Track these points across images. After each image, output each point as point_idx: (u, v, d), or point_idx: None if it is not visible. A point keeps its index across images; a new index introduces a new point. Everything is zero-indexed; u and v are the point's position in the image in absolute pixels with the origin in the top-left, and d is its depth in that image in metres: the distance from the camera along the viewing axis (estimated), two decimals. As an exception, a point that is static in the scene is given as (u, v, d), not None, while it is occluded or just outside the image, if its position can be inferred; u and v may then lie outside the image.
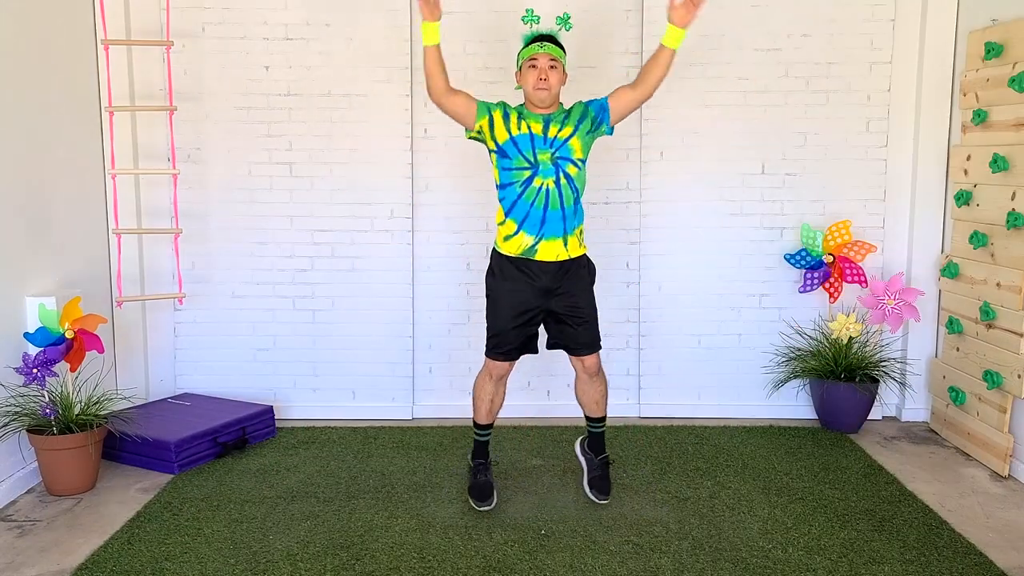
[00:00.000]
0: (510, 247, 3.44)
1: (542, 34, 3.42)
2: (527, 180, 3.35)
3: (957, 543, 3.24)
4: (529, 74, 3.36)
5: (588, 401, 3.67)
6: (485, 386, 3.59)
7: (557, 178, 3.35)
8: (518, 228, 3.39)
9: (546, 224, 3.37)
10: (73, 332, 3.73)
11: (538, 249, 3.39)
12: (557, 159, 3.35)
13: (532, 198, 3.35)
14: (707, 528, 3.37)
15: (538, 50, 3.35)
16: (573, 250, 3.43)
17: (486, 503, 3.50)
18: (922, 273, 4.63)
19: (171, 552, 3.17)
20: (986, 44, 4.06)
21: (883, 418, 4.76)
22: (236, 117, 4.65)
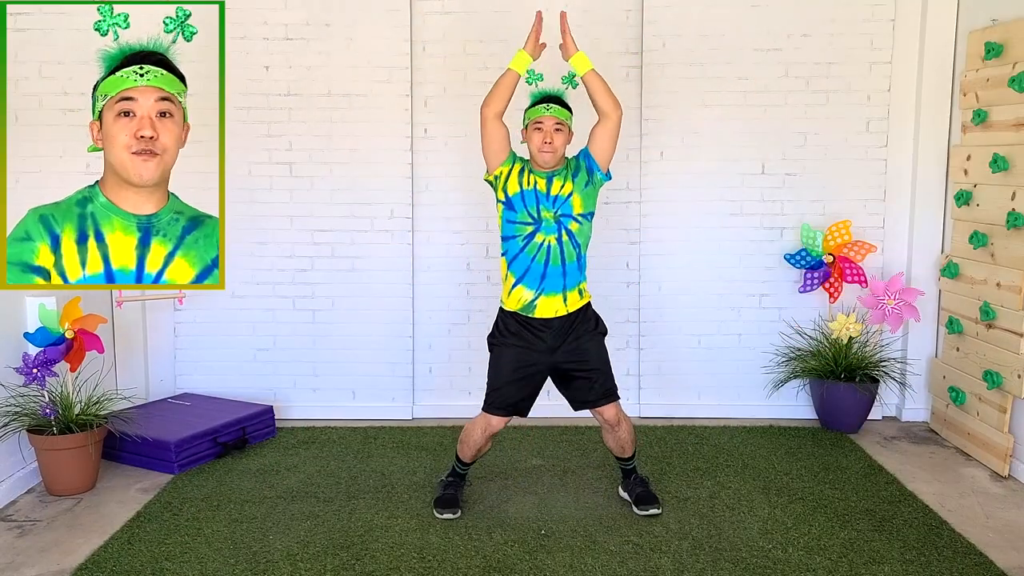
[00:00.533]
0: (512, 302, 3.39)
1: (548, 95, 3.37)
2: (529, 235, 3.32)
3: (957, 543, 3.24)
4: (534, 136, 3.32)
5: (614, 446, 3.58)
6: (475, 435, 3.50)
7: (559, 235, 3.31)
8: (517, 282, 3.36)
9: (546, 279, 3.33)
10: (73, 332, 3.73)
11: (537, 305, 3.34)
12: (560, 216, 3.31)
13: (533, 253, 3.32)
14: (707, 528, 3.37)
15: (544, 112, 3.31)
16: (573, 304, 3.38)
17: (449, 511, 3.47)
18: (922, 273, 4.63)
19: (171, 552, 3.17)
20: (986, 44, 4.06)
21: (883, 418, 4.76)
22: (236, 117, 4.64)
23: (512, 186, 3.34)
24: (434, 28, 4.64)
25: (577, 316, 3.40)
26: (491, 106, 3.32)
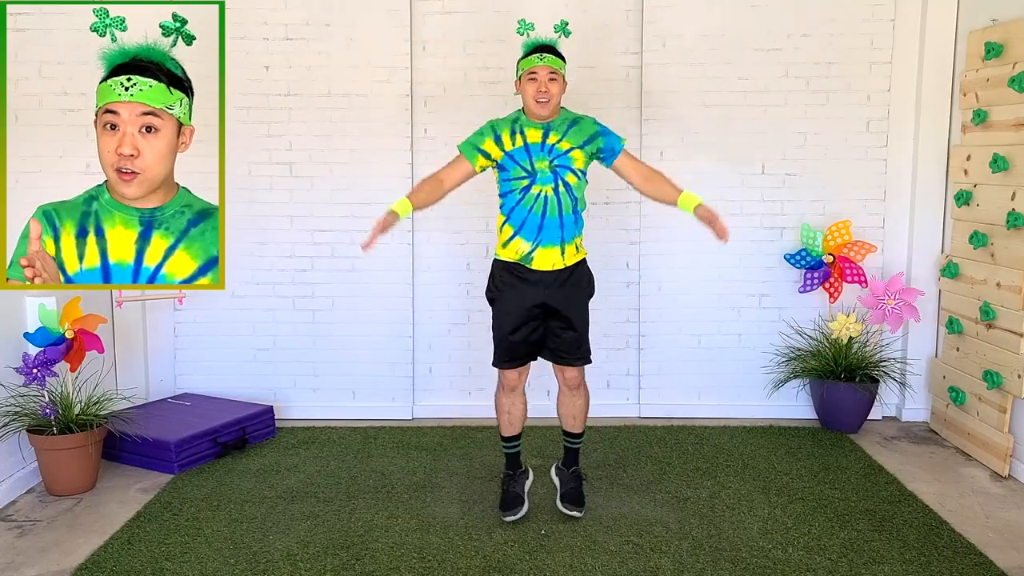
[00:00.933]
0: (508, 252, 3.39)
1: (541, 44, 3.35)
2: (525, 188, 3.32)
3: (957, 543, 3.24)
4: (529, 86, 3.29)
5: (566, 414, 3.57)
6: (501, 399, 3.53)
7: (556, 185, 3.30)
8: (515, 233, 3.35)
9: (543, 231, 3.32)
10: (73, 332, 3.73)
11: (534, 257, 3.34)
12: (556, 167, 3.30)
13: (530, 204, 3.31)
14: (707, 528, 3.37)
15: (537, 62, 3.28)
16: (570, 258, 3.37)
17: (512, 512, 3.42)
18: (922, 273, 4.63)
19: (171, 552, 3.17)
20: (986, 44, 4.06)
21: (883, 418, 4.76)
22: (236, 117, 4.64)
23: (495, 154, 3.35)
24: (434, 28, 4.64)
25: (573, 271, 3.39)
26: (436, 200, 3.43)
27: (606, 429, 4.50)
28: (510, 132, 3.35)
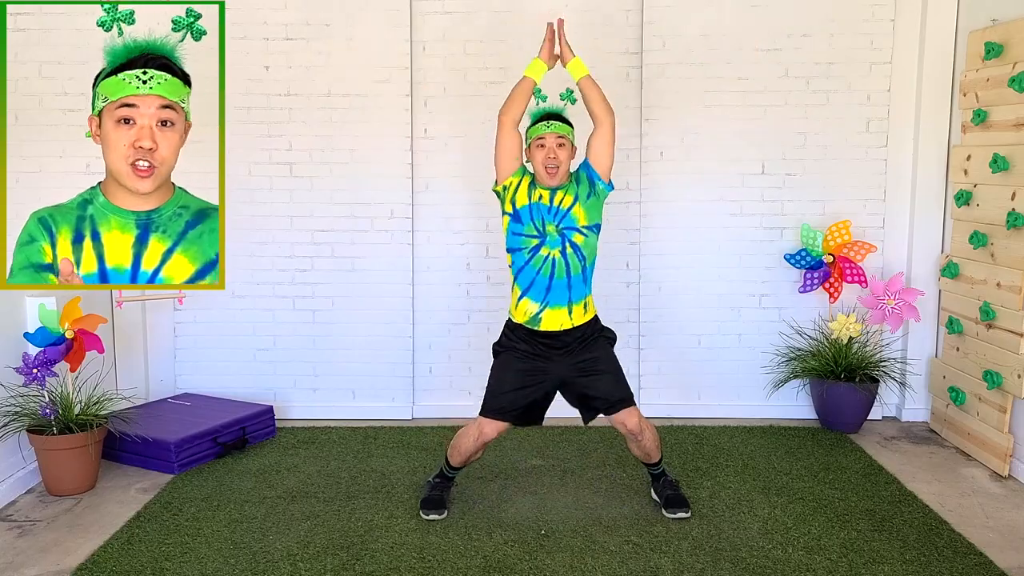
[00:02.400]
0: (519, 314, 3.38)
1: (548, 112, 3.39)
2: (534, 248, 3.32)
3: (957, 543, 3.24)
4: (538, 153, 3.32)
5: (640, 454, 3.53)
6: (467, 443, 3.45)
7: (563, 248, 3.30)
8: (523, 294, 3.35)
9: (551, 292, 3.32)
10: (73, 332, 3.73)
11: (542, 318, 3.33)
12: (563, 230, 3.31)
13: (539, 266, 3.31)
14: (707, 528, 3.37)
15: (545, 130, 3.32)
16: (578, 318, 3.36)
17: (435, 512, 3.44)
18: (922, 273, 4.63)
19: (171, 552, 3.17)
20: (986, 44, 4.06)
21: (883, 418, 4.76)
22: (236, 117, 4.63)
23: (521, 198, 3.34)
24: (434, 28, 4.64)
25: (584, 329, 3.39)
26: (508, 112, 3.34)
27: (606, 429, 4.50)
28: (534, 186, 3.36)
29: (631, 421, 3.39)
